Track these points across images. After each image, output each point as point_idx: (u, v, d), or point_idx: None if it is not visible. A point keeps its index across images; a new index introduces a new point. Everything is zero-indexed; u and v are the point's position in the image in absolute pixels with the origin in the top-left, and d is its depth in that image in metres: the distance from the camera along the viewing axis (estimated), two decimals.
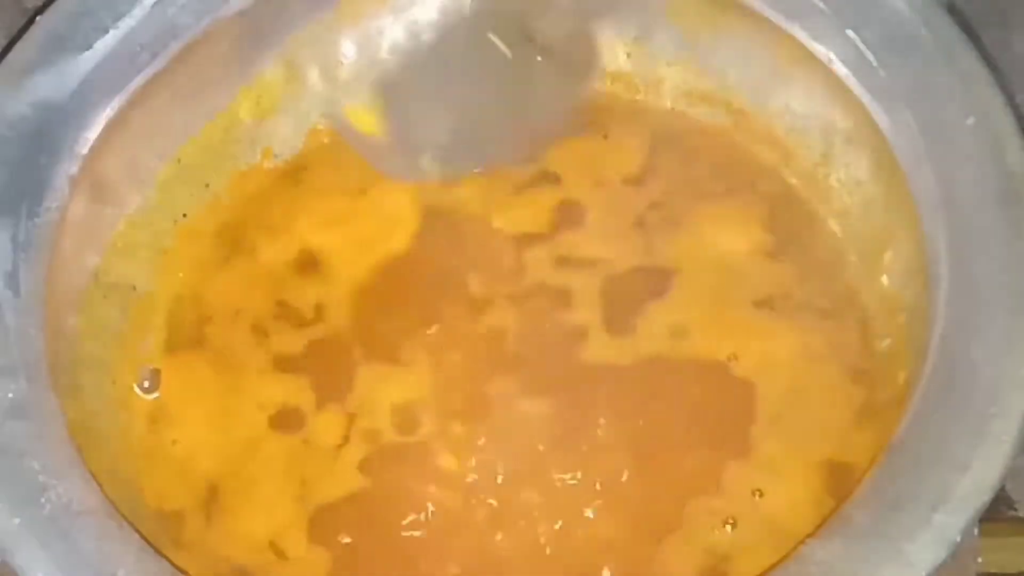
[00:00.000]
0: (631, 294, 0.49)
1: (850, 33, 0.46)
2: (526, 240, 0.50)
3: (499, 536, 0.44)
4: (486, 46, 0.49)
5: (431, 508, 0.45)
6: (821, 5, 0.46)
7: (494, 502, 0.45)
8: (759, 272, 0.49)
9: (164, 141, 0.50)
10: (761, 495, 0.44)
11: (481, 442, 0.46)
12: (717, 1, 0.50)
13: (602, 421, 0.45)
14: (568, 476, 0.45)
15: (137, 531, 0.39)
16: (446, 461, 0.46)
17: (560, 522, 0.44)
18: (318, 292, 0.50)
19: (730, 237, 0.50)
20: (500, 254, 0.50)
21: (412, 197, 0.51)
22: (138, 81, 0.47)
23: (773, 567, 0.38)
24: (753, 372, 0.47)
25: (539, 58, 0.48)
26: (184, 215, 0.51)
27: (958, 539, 0.37)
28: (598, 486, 0.45)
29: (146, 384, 0.48)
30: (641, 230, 0.50)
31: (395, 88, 0.51)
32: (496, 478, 0.45)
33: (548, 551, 0.44)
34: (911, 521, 0.37)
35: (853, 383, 0.46)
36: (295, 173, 0.53)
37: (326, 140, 0.53)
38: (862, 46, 0.45)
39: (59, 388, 0.42)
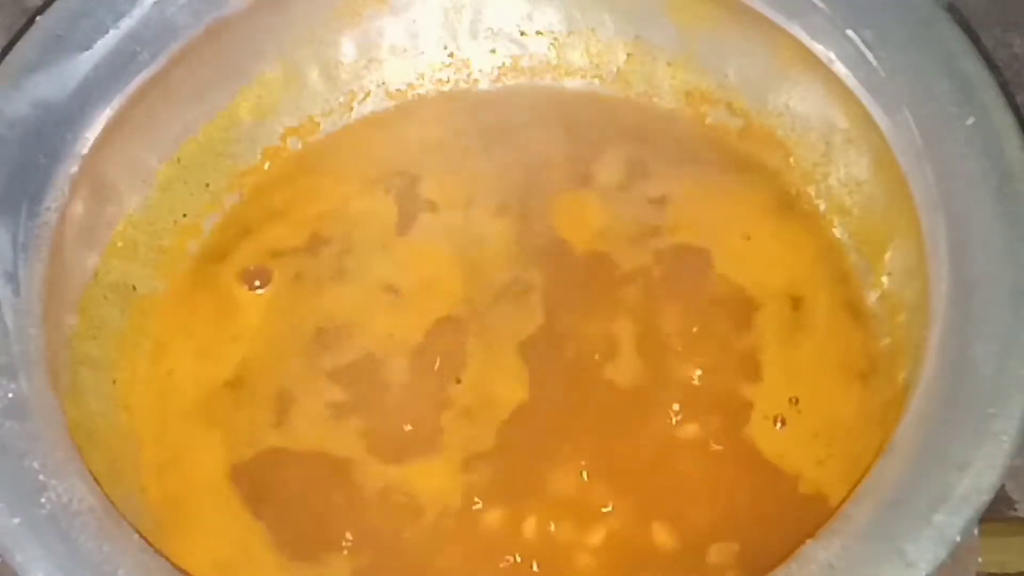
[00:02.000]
0: None
1: (850, 33, 0.46)
2: None
3: None
4: None
5: None
6: (821, 5, 0.46)
7: None
8: None
9: (164, 141, 0.50)
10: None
11: None
12: (717, 0, 0.50)
13: None
14: None
15: (137, 530, 0.39)
16: None
17: None
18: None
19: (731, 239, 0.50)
20: None
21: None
22: (138, 81, 0.47)
23: (774, 568, 0.38)
24: None
25: None
26: (184, 215, 0.51)
27: (958, 539, 0.37)
28: None
29: None
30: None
31: None
32: None
33: None
34: (911, 521, 0.37)
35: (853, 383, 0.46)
36: (295, 173, 0.53)
37: (325, 140, 0.53)
38: (862, 46, 0.45)
39: (59, 388, 0.42)
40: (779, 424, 0.45)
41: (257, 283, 0.50)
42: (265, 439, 0.47)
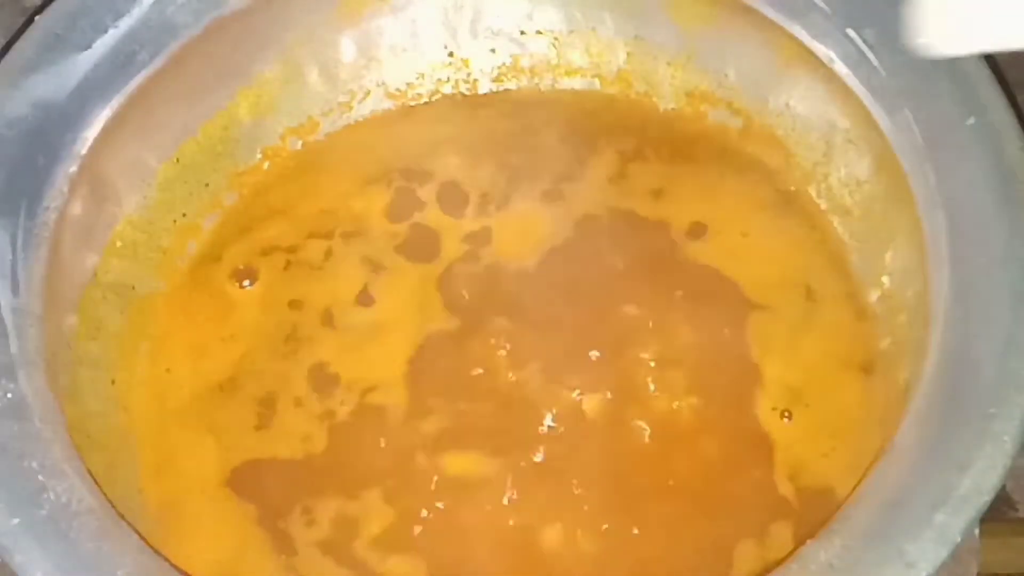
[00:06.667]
0: None
1: (851, 33, 0.46)
2: None
3: None
4: None
5: None
6: (821, 4, 0.46)
7: None
8: None
9: (163, 140, 0.50)
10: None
11: None
12: (718, 0, 0.50)
13: None
14: None
15: (136, 531, 0.39)
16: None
17: None
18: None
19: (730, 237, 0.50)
20: None
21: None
22: (137, 81, 0.47)
23: (774, 568, 0.38)
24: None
25: None
26: (183, 214, 0.51)
27: (959, 539, 0.37)
28: None
29: None
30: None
31: None
32: None
33: None
34: (912, 521, 0.37)
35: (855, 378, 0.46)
36: (294, 173, 0.53)
37: (325, 140, 0.53)
38: (863, 46, 0.46)
39: (58, 388, 0.42)
40: (785, 418, 0.46)
41: (247, 281, 0.50)
42: (261, 439, 0.47)
